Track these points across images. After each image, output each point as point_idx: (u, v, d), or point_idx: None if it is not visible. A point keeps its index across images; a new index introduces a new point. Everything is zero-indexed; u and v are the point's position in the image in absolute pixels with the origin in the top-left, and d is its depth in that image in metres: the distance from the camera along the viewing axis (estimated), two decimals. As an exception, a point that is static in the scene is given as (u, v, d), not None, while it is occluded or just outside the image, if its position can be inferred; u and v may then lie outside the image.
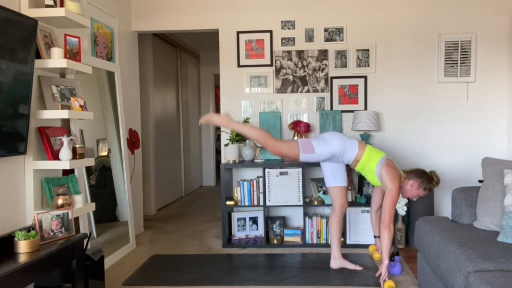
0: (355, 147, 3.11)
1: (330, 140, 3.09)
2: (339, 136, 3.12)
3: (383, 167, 3.02)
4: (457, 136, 4.11)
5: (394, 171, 3.01)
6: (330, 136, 3.13)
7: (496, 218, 2.41)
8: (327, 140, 3.10)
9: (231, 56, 4.23)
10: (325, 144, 3.08)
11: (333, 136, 3.12)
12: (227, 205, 3.89)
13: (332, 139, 3.10)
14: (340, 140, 3.10)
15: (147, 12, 4.30)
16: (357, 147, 3.11)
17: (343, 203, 3.27)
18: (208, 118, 3.10)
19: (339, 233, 3.29)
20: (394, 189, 2.95)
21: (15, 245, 2.13)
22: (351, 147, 3.10)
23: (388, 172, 2.99)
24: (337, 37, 4.12)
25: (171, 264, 3.41)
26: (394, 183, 2.96)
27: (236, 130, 3.12)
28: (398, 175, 3.02)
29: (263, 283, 2.98)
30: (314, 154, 3.07)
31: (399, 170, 3.07)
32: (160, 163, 5.73)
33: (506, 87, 4.06)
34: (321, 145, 3.08)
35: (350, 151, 3.10)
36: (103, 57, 3.68)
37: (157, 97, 5.68)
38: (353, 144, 3.12)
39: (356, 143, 3.12)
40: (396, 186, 2.96)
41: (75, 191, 2.81)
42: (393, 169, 3.02)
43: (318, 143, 3.09)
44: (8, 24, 2.20)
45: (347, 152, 3.10)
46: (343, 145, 3.08)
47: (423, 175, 3.07)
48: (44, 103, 2.68)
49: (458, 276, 1.97)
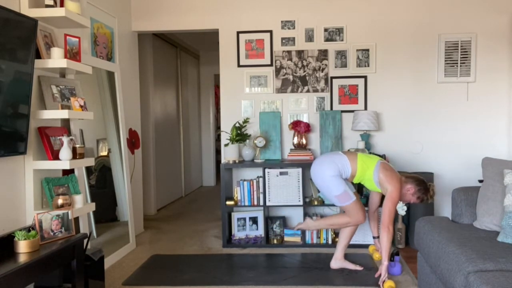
0: (347, 164, 3.06)
1: (326, 179, 3.05)
2: (329, 164, 3.06)
3: (381, 172, 3.01)
4: (457, 136, 4.11)
5: (392, 173, 3.00)
6: (320, 176, 3.08)
7: (496, 218, 2.41)
8: (326, 181, 3.05)
9: (231, 56, 4.23)
10: (338, 179, 3.04)
11: (322, 174, 3.06)
12: (227, 205, 3.89)
13: (325, 176, 3.05)
14: (331, 166, 3.04)
15: (147, 12, 4.30)
16: (349, 164, 3.07)
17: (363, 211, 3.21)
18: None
19: (350, 238, 3.27)
20: (395, 191, 2.94)
21: (15, 245, 2.13)
22: (344, 166, 3.06)
23: (386, 175, 2.98)
24: (337, 37, 4.12)
25: (171, 264, 3.41)
26: (395, 185, 2.96)
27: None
28: (397, 176, 3.01)
29: (263, 283, 2.98)
30: (346, 189, 3.05)
31: (396, 172, 3.07)
32: (160, 163, 5.73)
33: (506, 87, 4.06)
34: (338, 184, 3.03)
35: (344, 169, 3.07)
36: (103, 57, 3.68)
37: (157, 97, 5.68)
38: (344, 162, 3.07)
39: (345, 160, 3.07)
40: (397, 187, 2.95)
41: (75, 191, 2.81)
42: (390, 171, 3.01)
43: (337, 186, 3.03)
44: (8, 24, 2.20)
45: (344, 172, 3.07)
46: (335, 168, 3.04)
47: (422, 184, 3.04)
48: (44, 103, 2.68)
49: (458, 276, 1.97)
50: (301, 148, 4.05)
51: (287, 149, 4.20)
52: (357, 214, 3.09)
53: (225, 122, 4.27)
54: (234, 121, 4.24)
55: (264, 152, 4.10)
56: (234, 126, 3.96)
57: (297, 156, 3.98)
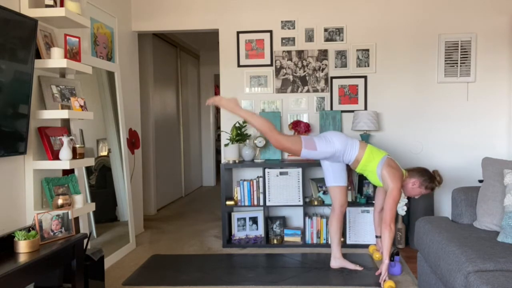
0: (356, 147, 3.11)
1: (331, 138, 3.11)
2: (341, 135, 3.14)
3: (384, 167, 3.02)
4: (457, 136, 4.11)
5: (395, 171, 3.01)
6: (331, 134, 3.14)
7: (496, 218, 2.41)
8: (328, 138, 3.12)
9: (231, 56, 4.23)
10: (327, 142, 3.10)
11: (334, 135, 3.13)
12: (227, 205, 3.89)
13: (334, 137, 3.11)
14: (342, 139, 3.11)
15: (147, 12, 4.30)
16: (358, 147, 3.11)
17: (343, 203, 3.27)
18: (216, 100, 3.14)
19: (339, 233, 3.29)
20: (395, 189, 2.95)
21: (15, 245, 2.13)
22: (352, 147, 3.11)
23: (389, 172, 2.99)
24: (337, 37, 4.12)
25: (171, 264, 3.41)
26: (396, 183, 2.96)
27: (242, 116, 3.12)
28: (400, 175, 3.01)
29: (263, 283, 2.98)
30: (316, 151, 3.09)
31: (400, 169, 3.07)
32: (160, 163, 5.73)
33: (506, 87, 4.06)
34: (323, 143, 3.09)
35: (351, 151, 3.10)
36: (103, 57, 3.68)
37: (157, 97, 5.68)
38: (354, 144, 3.12)
39: (357, 143, 3.13)
40: (398, 186, 2.96)
41: (75, 191, 2.81)
42: (394, 168, 3.02)
43: (320, 141, 3.11)
44: (8, 24, 2.20)
45: (348, 152, 3.10)
46: (344, 144, 3.09)
47: (426, 173, 3.07)
48: (44, 103, 2.68)
49: (458, 276, 1.97)
50: (301, 148, 4.05)
51: (287, 149, 4.20)
52: (284, 141, 3.07)
53: (225, 122, 4.27)
54: (234, 121, 4.24)
55: (264, 152, 4.10)
56: (234, 126, 3.96)
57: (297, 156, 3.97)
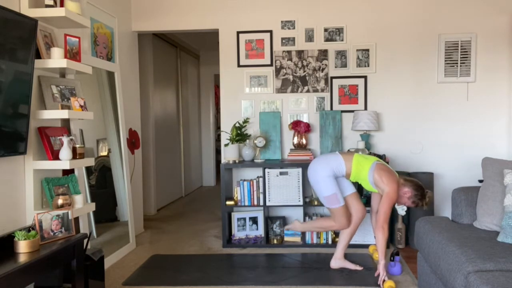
0: (341, 163, 3.09)
1: (320, 174, 3.07)
2: (322, 166, 3.09)
3: (376, 172, 3.00)
4: (457, 136, 4.11)
5: (388, 174, 2.99)
6: (316, 172, 3.10)
7: (496, 218, 2.41)
8: (320, 177, 3.08)
9: (231, 56, 4.23)
10: (327, 183, 3.06)
11: (319, 170, 3.09)
12: (227, 205, 3.89)
13: (320, 172, 3.08)
14: (325, 168, 3.07)
15: (147, 12, 4.30)
16: (343, 163, 3.09)
17: (362, 209, 3.21)
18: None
19: (351, 238, 3.27)
20: (391, 191, 2.94)
21: (15, 245, 2.13)
22: (338, 166, 3.08)
23: (382, 176, 2.98)
24: (337, 37, 4.12)
25: (171, 264, 3.41)
26: (391, 185, 2.95)
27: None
28: (394, 177, 3.00)
29: (263, 283, 2.98)
30: (338, 194, 3.09)
31: (394, 172, 3.06)
32: (160, 163, 5.73)
33: (506, 87, 4.06)
34: (329, 187, 3.06)
35: (338, 168, 3.08)
36: (103, 57, 3.68)
37: (157, 97, 5.68)
38: (338, 161, 3.09)
39: (340, 160, 3.09)
40: (394, 188, 2.95)
41: (75, 191, 2.81)
42: (386, 171, 3.00)
43: (327, 187, 3.07)
44: (8, 24, 2.20)
45: (338, 171, 3.09)
46: (329, 169, 3.07)
47: (419, 189, 3.03)
48: (44, 103, 2.68)
49: (458, 276, 1.97)
50: (301, 148, 4.05)
51: (287, 149, 4.20)
52: (341, 219, 3.12)
53: (225, 122, 4.27)
54: (234, 121, 4.24)
55: (264, 152, 4.10)
56: (234, 126, 3.96)
57: (297, 156, 3.98)
